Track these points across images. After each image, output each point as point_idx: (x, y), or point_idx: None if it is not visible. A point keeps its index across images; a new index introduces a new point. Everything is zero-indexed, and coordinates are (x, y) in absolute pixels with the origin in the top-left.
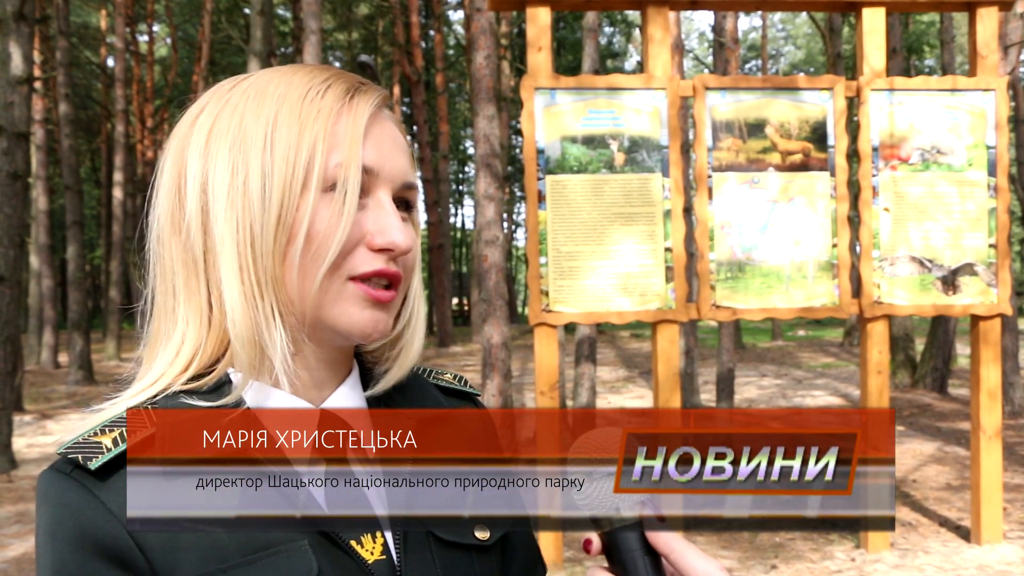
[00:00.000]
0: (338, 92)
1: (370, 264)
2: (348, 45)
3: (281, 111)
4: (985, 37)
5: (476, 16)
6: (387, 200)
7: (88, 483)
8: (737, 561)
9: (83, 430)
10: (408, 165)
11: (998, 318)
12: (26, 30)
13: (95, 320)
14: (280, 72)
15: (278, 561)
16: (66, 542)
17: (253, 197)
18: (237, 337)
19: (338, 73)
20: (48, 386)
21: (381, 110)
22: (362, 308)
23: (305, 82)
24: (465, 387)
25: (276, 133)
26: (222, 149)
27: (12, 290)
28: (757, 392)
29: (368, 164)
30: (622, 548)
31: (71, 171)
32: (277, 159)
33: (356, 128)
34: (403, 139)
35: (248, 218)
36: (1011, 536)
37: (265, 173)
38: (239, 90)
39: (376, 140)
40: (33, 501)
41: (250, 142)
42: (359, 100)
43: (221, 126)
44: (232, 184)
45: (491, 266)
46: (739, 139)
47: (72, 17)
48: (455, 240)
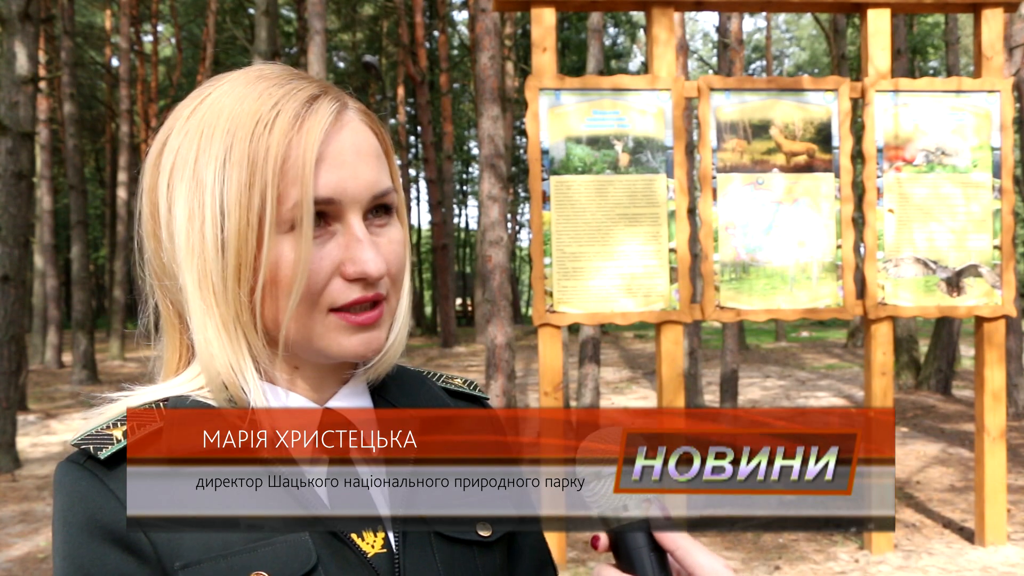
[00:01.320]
0: (287, 119)
1: (347, 295)
2: (352, 45)
3: (231, 151)
4: (990, 38)
5: (480, 16)
6: (356, 224)
7: (98, 472)
8: (741, 562)
9: (96, 423)
10: (376, 173)
11: (1002, 319)
12: (31, 30)
13: (99, 320)
14: (234, 90)
15: (278, 550)
16: (77, 527)
17: (208, 244)
18: (210, 380)
19: (290, 87)
20: (52, 386)
21: (340, 118)
22: (349, 336)
23: (254, 110)
24: (474, 391)
25: (226, 175)
26: (180, 191)
27: (16, 290)
28: (761, 393)
29: (326, 195)
30: (629, 545)
31: (75, 171)
32: (229, 205)
33: (307, 160)
34: (369, 141)
35: (207, 266)
36: (1015, 538)
37: (217, 221)
38: (196, 117)
39: (335, 162)
40: (37, 501)
41: (204, 186)
42: (310, 123)
43: (179, 164)
44: (190, 230)
45: (495, 267)
46: (743, 140)
47: (77, 17)
48: (459, 240)
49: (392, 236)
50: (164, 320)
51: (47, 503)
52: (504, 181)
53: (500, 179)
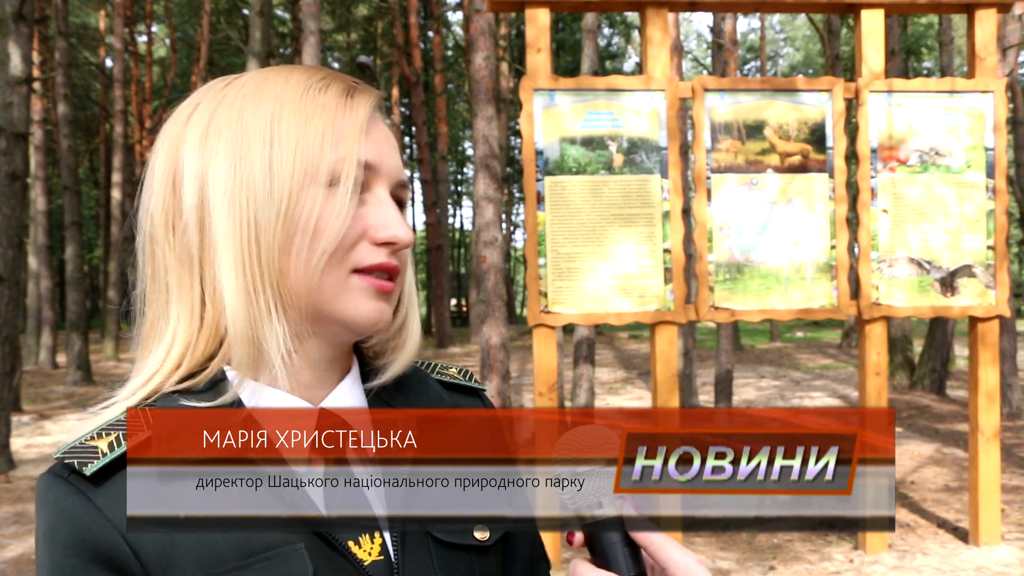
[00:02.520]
0: (338, 89)
1: (373, 257)
2: (347, 46)
3: (284, 107)
4: (984, 39)
5: (475, 17)
6: (386, 196)
7: (84, 488)
8: (735, 562)
9: (80, 434)
10: (400, 164)
11: (996, 320)
12: (25, 30)
13: (93, 320)
14: (275, 72)
15: (273, 565)
16: (63, 547)
17: (257, 191)
18: (234, 334)
19: (333, 73)
20: (46, 386)
21: (376, 111)
22: (368, 299)
23: (303, 80)
24: (470, 382)
25: (279, 127)
26: (220, 145)
27: (10, 290)
28: (755, 393)
29: (369, 160)
30: (604, 541)
31: (70, 172)
32: (282, 153)
33: (357, 124)
34: (396, 141)
35: (251, 212)
36: (1009, 537)
37: (268, 168)
38: (234, 88)
39: (375, 138)
40: (31, 502)
41: (252, 137)
42: (358, 98)
43: (219, 122)
44: (234, 179)
45: (490, 267)
46: (738, 140)
47: (71, 17)
48: (454, 241)
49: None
50: (152, 301)
51: None
52: (499, 182)
53: (495, 180)
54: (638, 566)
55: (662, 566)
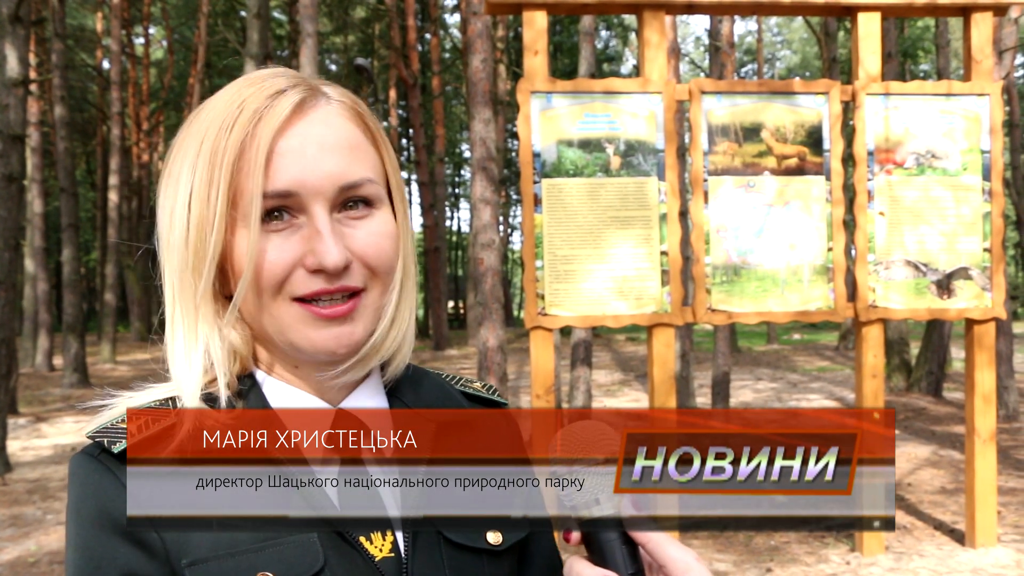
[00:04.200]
0: (247, 115)
1: (307, 286)
2: (345, 48)
3: (201, 149)
4: (980, 42)
5: (472, 20)
6: (320, 216)
7: (111, 465)
8: (732, 564)
9: (111, 416)
10: (345, 164)
11: (992, 322)
12: (22, 32)
13: (90, 323)
14: (222, 92)
15: (285, 550)
16: (89, 520)
17: (179, 239)
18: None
19: (263, 85)
20: (43, 389)
21: (302, 110)
22: (317, 328)
23: (222, 110)
24: (493, 396)
25: (196, 173)
26: (167, 193)
27: (7, 293)
28: (752, 396)
29: (282, 188)
30: (601, 539)
31: (66, 174)
32: (194, 201)
33: (259, 154)
34: (340, 132)
35: (177, 259)
36: (1005, 540)
37: (185, 216)
38: (193, 119)
39: (294, 155)
40: (28, 504)
41: (178, 182)
42: (267, 117)
43: (173, 163)
44: (168, 227)
45: (487, 269)
46: (735, 143)
47: (68, 19)
48: (451, 243)
49: (372, 228)
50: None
51: (37, 507)
52: (496, 184)
53: (492, 182)
54: (636, 564)
55: (660, 563)
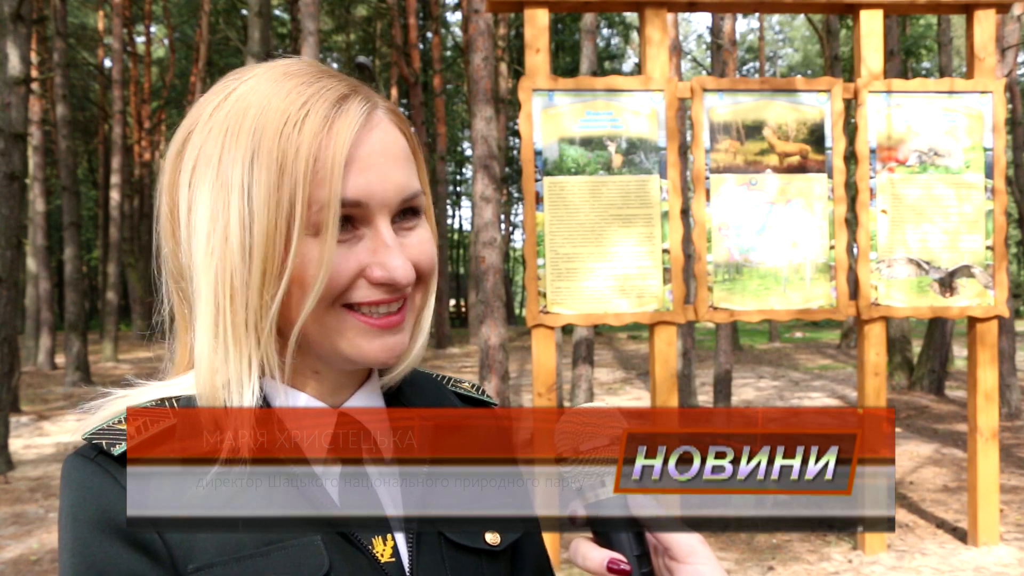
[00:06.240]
0: (317, 119)
1: (369, 296)
2: (346, 46)
3: (259, 151)
4: (982, 39)
5: (474, 18)
6: (385, 229)
7: (111, 468)
8: (734, 563)
9: (107, 416)
10: (407, 175)
11: (995, 320)
12: (23, 31)
13: (92, 321)
14: (260, 86)
15: (290, 554)
16: (88, 524)
17: (233, 247)
18: (199, 395)
19: (320, 86)
20: (45, 387)
21: (370, 119)
22: (370, 339)
23: (282, 109)
24: (483, 396)
25: (254, 177)
26: (203, 192)
27: (9, 291)
28: (754, 394)
29: (354, 197)
30: (606, 521)
31: (68, 172)
32: (257, 207)
33: (336, 162)
34: (398, 143)
35: (229, 269)
36: (1008, 538)
37: (245, 223)
38: (220, 114)
39: (364, 164)
40: (30, 503)
41: (229, 186)
42: (339, 124)
43: (202, 163)
44: (211, 231)
45: (489, 267)
46: (737, 141)
47: (69, 18)
48: (452, 242)
49: (421, 237)
50: (179, 320)
51: (39, 505)
52: (497, 182)
53: (493, 180)
54: (641, 545)
55: (665, 545)
